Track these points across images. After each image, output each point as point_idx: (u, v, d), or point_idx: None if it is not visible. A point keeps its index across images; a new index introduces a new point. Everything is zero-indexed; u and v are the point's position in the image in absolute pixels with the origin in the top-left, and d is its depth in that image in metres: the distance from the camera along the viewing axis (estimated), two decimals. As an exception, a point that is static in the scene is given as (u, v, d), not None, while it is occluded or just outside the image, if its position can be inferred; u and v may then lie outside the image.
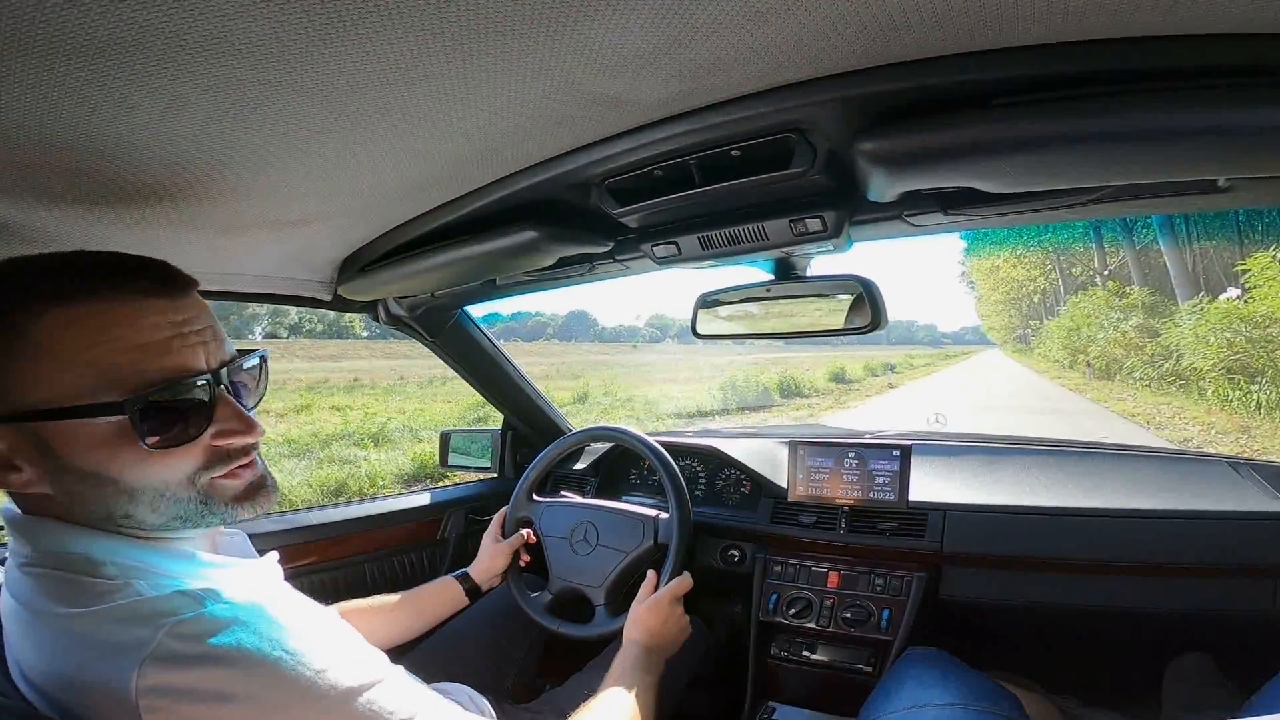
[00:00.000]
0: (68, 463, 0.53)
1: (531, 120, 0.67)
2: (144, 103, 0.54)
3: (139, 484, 0.54)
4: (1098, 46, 0.52)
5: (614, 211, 0.88)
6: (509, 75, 0.57)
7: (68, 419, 0.51)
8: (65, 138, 0.59)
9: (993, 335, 40.97)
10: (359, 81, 0.55)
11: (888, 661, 1.21)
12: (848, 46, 0.55)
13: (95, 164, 0.66)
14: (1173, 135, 0.54)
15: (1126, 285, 18.86)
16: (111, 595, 0.50)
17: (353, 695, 0.52)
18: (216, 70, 0.50)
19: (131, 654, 0.46)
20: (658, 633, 1.08)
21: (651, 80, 0.60)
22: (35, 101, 0.52)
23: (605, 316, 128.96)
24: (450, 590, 1.22)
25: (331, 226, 1.01)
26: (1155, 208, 0.76)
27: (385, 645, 1.11)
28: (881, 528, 1.31)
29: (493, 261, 1.04)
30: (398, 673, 0.59)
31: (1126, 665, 1.43)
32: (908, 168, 0.65)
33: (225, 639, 0.48)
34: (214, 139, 0.63)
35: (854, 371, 25.25)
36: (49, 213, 0.78)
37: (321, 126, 0.63)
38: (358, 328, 34.38)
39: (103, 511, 0.55)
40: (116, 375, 0.52)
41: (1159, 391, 13.26)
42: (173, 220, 0.86)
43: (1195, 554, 1.12)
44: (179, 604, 0.49)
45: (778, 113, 0.65)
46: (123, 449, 0.53)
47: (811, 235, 0.83)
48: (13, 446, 0.53)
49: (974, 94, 0.57)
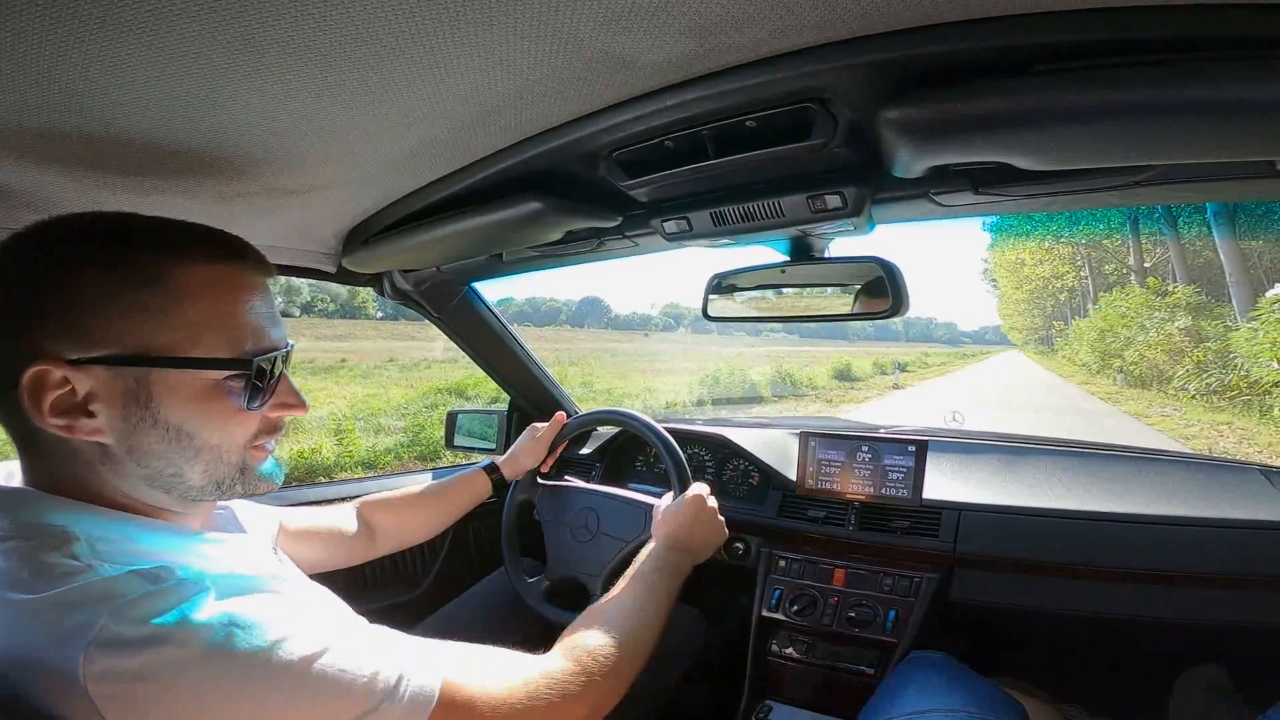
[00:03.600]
0: (157, 413, 0.54)
1: (534, 83, 0.63)
2: (147, 63, 0.54)
3: (210, 442, 0.57)
4: (1152, 12, 0.47)
5: (622, 184, 0.85)
6: (508, 32, 0.53)
7: (187, 369, 0.55)
8: (68, 101, 0.59)
9: (1013, 336, 39.93)
10: (356, 39, 0.52)
11: (890, 664, 1.18)
12: (875, 5, 0.50)
13: (96, 128, 0.65)
14: (1230, 110, 0.49)
15: (1168, 283, 16.86)
16: (68, 578, 0.49)
17: (312, 660, 0.50)
18: (218, 29, 0.49)
19: (77, 639, 0.45)
20: (687, 529, 1.05)
21: (660, 37, 0.55)
22: (38, 63, 0.52)
23: (619, 303, 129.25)
24: (478, 481, 1.25)
25: (334, 196, 0.99)
26: (1205, 193, 0.70)
27: (415, 538, 1.19)
28: (893, 525, 1.27)
29: (497, 234, 1.01)
30: (357, 626, 0.58)
31: (1137, 675, 1.38)
32: (937, 140, 0.60)
33: (170, 618, 0.46)
34: (214, 102, 0.62)
35: (861, 369, 24.53)
36: (46, 177, 0.78)
37: (320, 89, 0.61)
38: (370, 308, 34.72)
39: (153, 469, 0.56)
40: (237, 336, 0.57)
41: (1211, 407, 11.36)
42: (171, 186, 0.85)
43: (1222, 563, 1.07)
44: (127, 585, 0.48)
45: (797, 78, 0.61)
46: (211, 405, 0.56)
47: (831, 212, 0.79)
48: (101, 390, 0.53)
49: (1014, 60, 0.53)
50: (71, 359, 0.51)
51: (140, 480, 0.56)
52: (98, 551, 0.51)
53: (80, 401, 0.52)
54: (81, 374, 0.52)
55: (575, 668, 0.69)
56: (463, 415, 1.98)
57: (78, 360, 0.51)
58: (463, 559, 1.67)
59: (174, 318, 0.54)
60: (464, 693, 0.58)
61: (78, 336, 0.51)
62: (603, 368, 20.03)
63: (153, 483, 0.57)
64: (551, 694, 0.65)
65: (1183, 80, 0.48)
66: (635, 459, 1.70)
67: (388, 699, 0.52)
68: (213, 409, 0.56)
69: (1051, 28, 0.50)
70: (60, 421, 0.52)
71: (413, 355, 20.30)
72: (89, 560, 0.50)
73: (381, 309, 37.65)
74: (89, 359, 0.52)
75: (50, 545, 0.51)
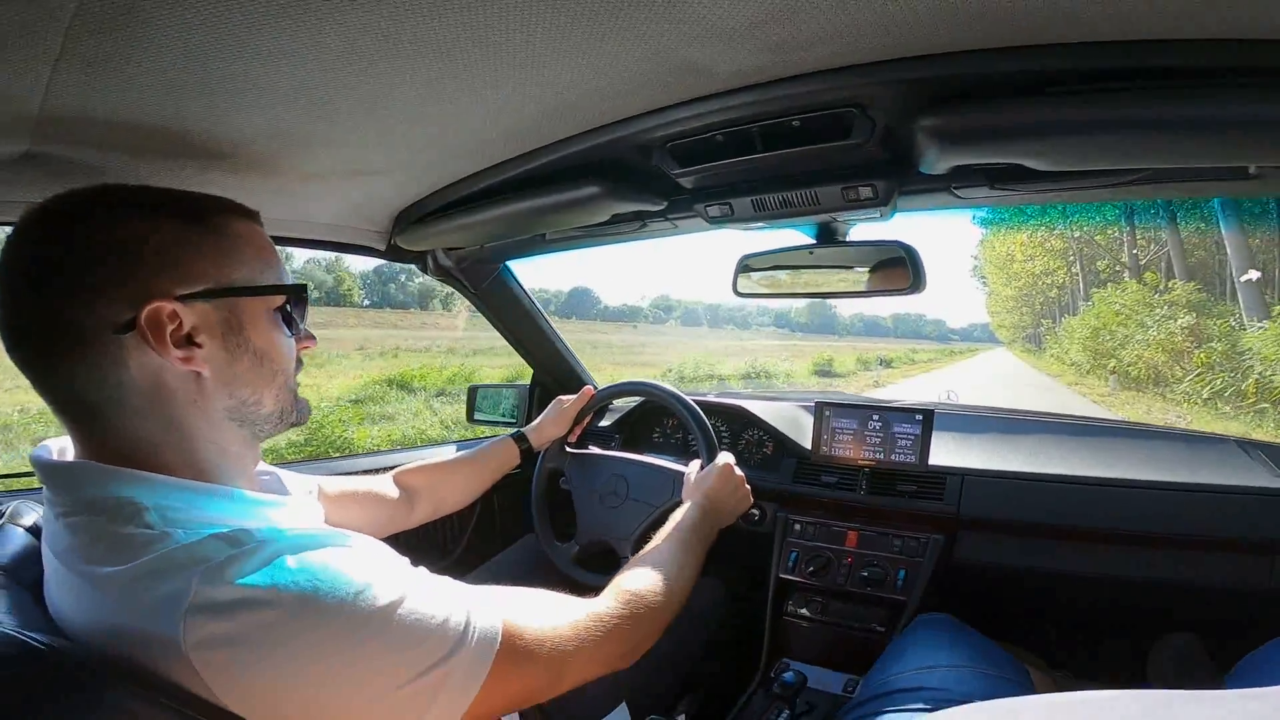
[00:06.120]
0: (248, 339, 0.61)
1: (614, 82, 0.71)
2: (250, 54, 0.60)
3: (281, 366, 0.64)
4: (1145, 45, 0.58)
5: (673, 172, 0.92)
6: (603, 37, 0.61)
7: (263, 295, 0.62)
8: (173, 90, 0.66)
9: (1001, 334, 39.02)
10: (458, 36, 0.59)
11: (900, 622, 1.26)
12: (923, 33, 0.60)
13: (195, 112, 0.72)
14: (1207, 125, 0.60)
15: (1166, 279, 15.86)
16: (148, 547, 0.50)
17: (393, 609, 0.51)
18: (314, 19, 0.55)
19: (173, 608, 0.46)
20: (718, 496, 1.09)
21: (735, 53, 0.64)
22: (151, 47, 0.58)
23: (609, 295, 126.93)
24: (507, 449, 1.30)
25: (397, 177, 1.05)
26: (1189, 191, 0.81)
27: (450, 505, 1.22)
28: (901, 489, 1.36)
29: (549, 215, 1.08)
30: (422, 575, 0.59)
31: (1119, 640, 1.48)
32: (964, 144, 0.70)
33: (258, 578, 0.48)
34: (305, 85, 0.68)
35: (844, 364, 23.47)
36: (134, 158, 0.83)
37: (408, 77, 0.67)
38: (356, 295, 34.23)
39: (240, 398, 0.61)
40: (279, 270, 0.65)
41: (1219, 414, 10.28)
42: (257, 166, 0.90)
43: (1201, 526, 1.17)
44: (210, 549, 0.49)
45: (844, 89, 0.70)
46: (277, 332, 0.64)
47: (862, 202, 0.88)
48: (204, 320, 0.58)
49: (1032, 80, 0.63)
50: (179, 294, 0.56)
51: (225, 414, 0.60)
52: (169, 520, 0.52)
53: (188, 334, 0.56)
54: (187, 309, 0.56)
55: (622, 609, 0.73)
56: (483, 390, 2.01)
57: (183, 296, 0.56)
58: (490, 528, 1.73)
59: (242, 257, 0.61)
60: (521, 632, 0.60)
61: (179, 276, 0.56)
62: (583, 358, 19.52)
63: (235, 413, 0.61)
64: (598, 632, 0.68)
65: (1171, 100, 0.59)
66: (654, 430, 1.77)
67: (459, 644, 0.54)
68: (278, 335, 0.63)
69: (1062, 55, 0.60)
70: (180, 353, 0.56)
71: (386, 343, 19.54)
72: (162, 528, 0.51)
73: (368, 297, 36.86)
74: (191, 294, 0.57)
75: (122, 518, 0.51)
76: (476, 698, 0.55)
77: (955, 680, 0.90)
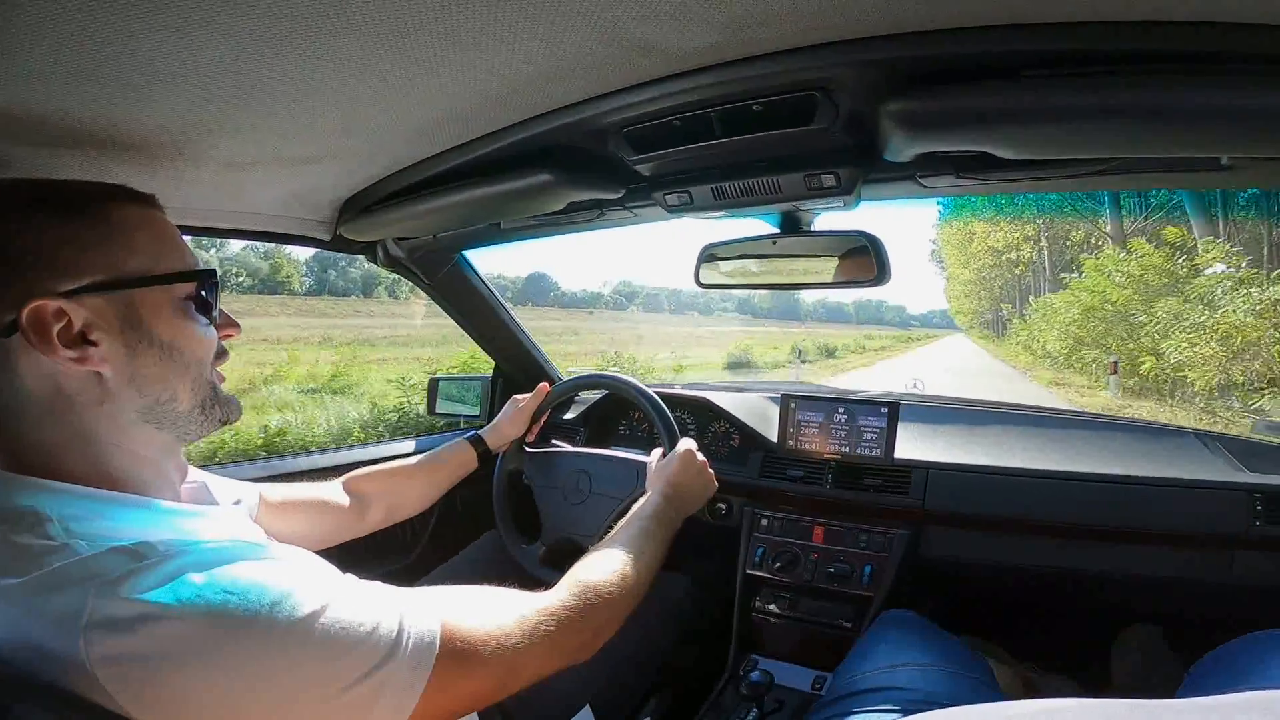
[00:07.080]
0: (150, 332, 0.58)
1: (563, 63, 0.67)
2: (166, 30, 0.55)
3: (195, 357, 0.62)
4: (1125, 27, 0.55)
5: (630, 159, 0.89)
6: (548, 16, 0.56)
7: (161, 284, 0.59)
8: (74, 78, 0.61)
9: (959, 320, 37.89)
10: (387, 14, 0.55)
11: (867, 618, 1.25)
12: (890, 10, 0.56)
13: (106, 99, 0.66)
14: (1180, 114, 0.57)
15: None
16: (46, 559, 0.47)
17: (315, 619, 0.49)
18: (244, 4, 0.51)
19: (70, 624, 0.44)
20: (680, 482, 1.08)
21: (689, 31, 0.60)
22: (48, 43, 0.54)
23: (568, 280, 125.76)
24: (464, 453, 1.26)
25: (338, 165, 1.00)
26: (1160, 182, 0.79)
27: (405, 511, 1.18)
28: (867, 483, 1.35)
29: (501, 204, 1.04)
30: (349, 582, 0.57)
31: (1083, 632, 1.50)
32: (931, 130, 0.67)
33: (161, 594, 0.46)
34: (229, 70, 0.63)
35: (762, 356, 21.60)
36: (47, 150, 0.78)
37: (341, 60, 0.63)
38: (295, 283, 33.48)
39: (152, 395, 0.59)
40: (183, 257, 0.62)
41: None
42: (179, 154, 0.85)
43: (1163, 520, 1.17)
44: (108, 563, 0.47)
45: (807, 70, 0.66)
46: (186, 321, 0.61)
47: (825, 190, 0.85)
48: (97, 316, 0.55)
49: (1006, 64, 0.60)
50: (62, 291, 0.53)
51: (137, 416, 0.58)
52: (71, 531, 0.50)
53: (80, 332, 0.54)
54: (74, 304, 0.53)
55: (574, 600, 0.72)
56: (445, 381, 1.97)
57: (68, 292, 0.54)
58: (451, 525, 1.69)
59: (133, 245, 0.58)
60: (463, 633, 0.58)
61: (60, 271, 0.54)
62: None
63: (149, 414, 0.59)
64: (548, 627, 0.67)
65: (1146, 87, 0.56)
66: (619, 423, 1.75)
67: (392, 651, 0.52)
68: (187, 324, 0.61)
69: (1039, 36, 0.57)
70: (72, 353, 0.53)
71: (319, 335, 18.81)
72: (63, 540, 0.49)
73: (307, 285, 35.70)
74: (77, 289, 0.54)
75: (23, 527, 0.49)
76: (419, 705, 0.53)
77: (922, 679, 0.90)
